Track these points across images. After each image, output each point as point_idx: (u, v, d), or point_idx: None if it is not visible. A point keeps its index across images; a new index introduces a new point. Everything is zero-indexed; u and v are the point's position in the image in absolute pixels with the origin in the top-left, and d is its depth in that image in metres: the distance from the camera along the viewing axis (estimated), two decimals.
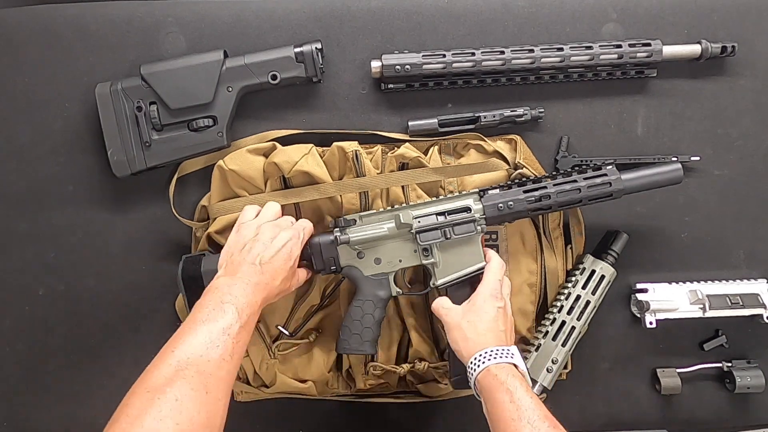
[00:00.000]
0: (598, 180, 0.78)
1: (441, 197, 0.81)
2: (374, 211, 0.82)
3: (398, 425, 0.90)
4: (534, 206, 0.78)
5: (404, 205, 0.82)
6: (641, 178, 0.79)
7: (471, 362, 0.71)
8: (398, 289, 0.82)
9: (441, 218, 0.79)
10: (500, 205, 0.78)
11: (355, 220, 0.81)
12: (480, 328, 0.73)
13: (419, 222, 0.79)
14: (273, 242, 0.73)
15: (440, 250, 0.80)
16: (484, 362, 0.69)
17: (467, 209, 0.79)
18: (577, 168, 0.80)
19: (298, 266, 0.78)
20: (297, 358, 0.85)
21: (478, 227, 0.79)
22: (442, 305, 0.78)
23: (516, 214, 0.79)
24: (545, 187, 0.78)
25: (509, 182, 0.81)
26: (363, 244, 0.80)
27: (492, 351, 0.70)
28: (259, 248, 0.72)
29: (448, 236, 0.78)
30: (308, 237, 0.79)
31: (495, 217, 0.79)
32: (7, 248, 0.89)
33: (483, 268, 0.78)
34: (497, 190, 0.80)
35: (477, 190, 0.80)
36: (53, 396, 0.90)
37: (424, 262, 0.80)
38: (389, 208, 0.81)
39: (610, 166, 0.79)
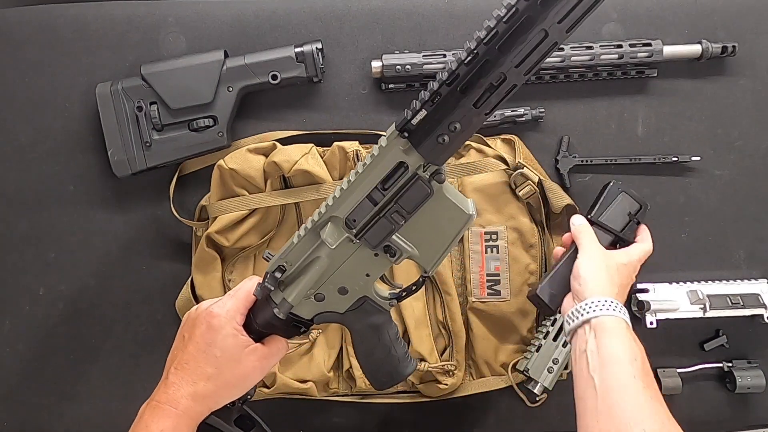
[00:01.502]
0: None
1: (354, 170, 0.57)
2: (293, 239, 0.61)
3: (398, 425, 0.90)
4: (488, 102, 0.54)
5: (318, 212, 0.60)
6: None
7: (598, 301, 0.65)
8: (389, 302, 0.66)
9: (376, 198, 0.57)
10: (442, 136, 0.54)
11: (283, 268, 0.61)
12: (617, 280, 0.70)
13: (354, 222, 0.58)
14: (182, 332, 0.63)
15: (404, 236, 0.60)
16: (615, 310, 0.65)
17: (401, 166, 0.56)
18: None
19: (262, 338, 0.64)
20: (298, 359, 0.85)
21: (432, 183, 0.56)
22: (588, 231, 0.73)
23: (468, 132, 0.55)
24: (491, 63, 0.52)
25: (426, 93, 0.54)
26: (311, 289, 0.62)
27: (619, 305, 0.66)
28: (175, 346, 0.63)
29: (400, 221, 0.57)
30: (240, 307, 0.63)
31: (443, 155, 0.55)
32: (7, 248, 0.89)
33: (472, 217, 0.60)
34: (421, 112, 0.54)
35: (393, 128, 0.55)
36: (53, 396, 0.90)
37: (396, 261, 0.61)
38: (304, 228, 0.61)
39: None
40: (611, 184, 0.80)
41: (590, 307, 0.65)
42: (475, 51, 0.52)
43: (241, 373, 0.61)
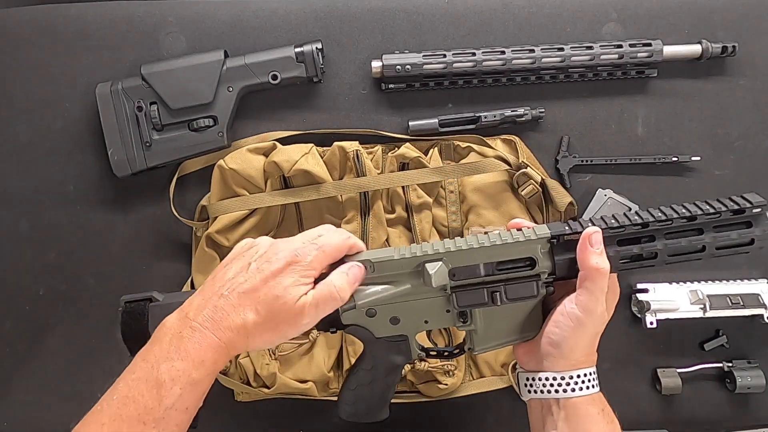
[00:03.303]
0: (735, 234, 0.59)
1: (490, 232, 0.60)
2: (392, 253, 0.60)
3: (398, 425, 0.90)
4: (630, 266, 0.60)
5: (437, 242, 0.60)
6: None
7: (578, 375, 0.59)
8: (420, 352, 0.66)
9: (488, 271, 0.59)
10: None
11: (366, 268, 0.60)
12: (592, 343, 0.61)
13: (454, 277, 0.59)
14: (270, 260, 0.55)
15: (483, 315, 0.61)
16: (591, 386, 0.60)
17: (530, 262, 0.59)
18: (703, 205, 0.59)
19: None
20: (297, 359, 0.85)
21: (542, 290, 0.59)
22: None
23: None
24: (653, 239, 0.59)
25: (590, 223, 0.59)
26: (377, 305, 0.61)
27: (595, 374, 0.61)
28: (245, 272, 0.55)
29: (497, 301, 0.59)
30: (324, 262, 0.57)
31: (568, 275, 0.59)
32: (7, 248, 0.89)
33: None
34: (577, 235, 0.58)
35: (548, 233, 0.59)
36: (53, 396, 0.90)
37: (460, 328, 0.62)
38: (414, 247, 0.60)
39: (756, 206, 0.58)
40: (598, 191, 0.82)
41: (568, 384, 0.59)
42: (647, 223, 0.58)
43: (295, 321, 0.55)
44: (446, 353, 0.68)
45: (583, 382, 0.59)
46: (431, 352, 0.68)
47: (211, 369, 0.52)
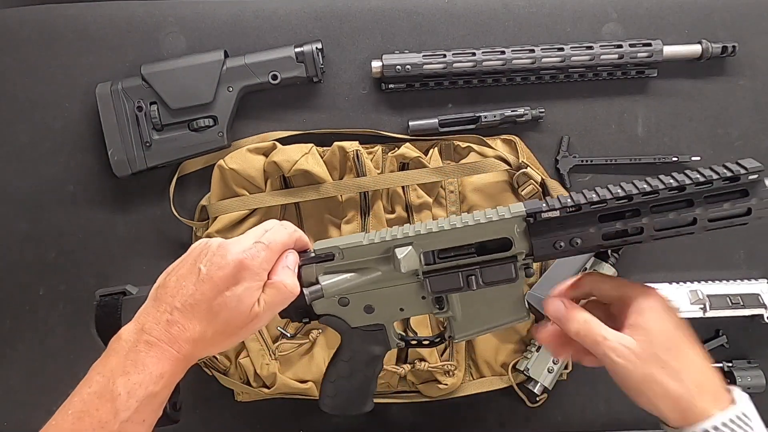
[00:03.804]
0: (728, 205, 0.53)
1: (461, 216, 0.57)
2: (360, 239, 0.58)
3: (398, 425, 0.90)
4: (612, 242, 0.54)
5: (407, 226, 0.59)
6: None
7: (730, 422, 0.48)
8: (399, 342, 0.64)
9: (465, 253, 0.56)
10: (559, 242, 0.54)
11: (333, 255, 0.58)
12: (688, 377, 0.50)
13: (430, 261, 0.57)
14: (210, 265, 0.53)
15: (461, 301, 0.59)
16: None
17: (505, 243, 0.56)
18: (693, 174, 0.54)
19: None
20: (298, 359, 0.85)
21: (521, 272, 0.56)
22: (611, 342, 0.52)
23: (581, 250, 0.55)
24: (637, 213, 0.53)
25: (569, 199, 0.54)
26: (348, 292, 0.59)
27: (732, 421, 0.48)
28: (196, 280, 0.53)
29: (472, 285, 0.56)
30: (272, 260, 0.56)
31: (547, 256, 0.56)
32: (7, 248, 0.89)
33: (525, 319, 0.59)
34: (555, 212, 0.54)
35: (523, 210, 0.55)
36: (53, 396, 0.90)
37: (437, 314, 0.60)
38: (383, 232, 0.58)
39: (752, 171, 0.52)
40: None
41: None
42: (631, 196, 0.53)
43: (250, 326, 0.54)
44: (426, 341, 0.66)
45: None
46: (411, 341, 0.66)
47: (170, 381, 0.51)
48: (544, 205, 0.55)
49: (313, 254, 0.59)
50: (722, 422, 0.48)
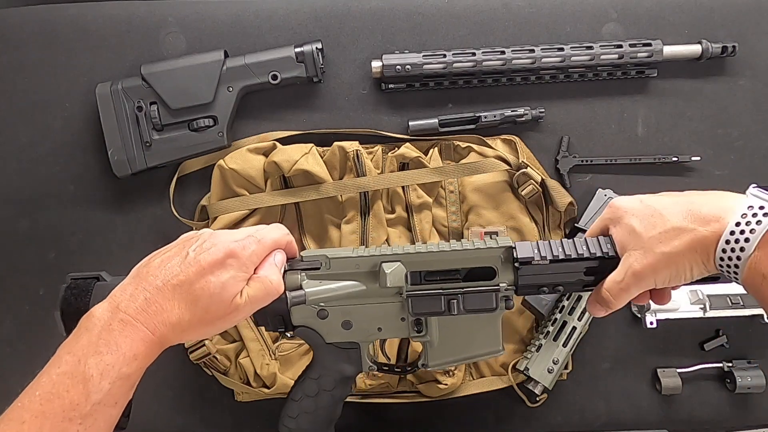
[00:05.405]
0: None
1: (451, 243, 0.58)
2: (349, 252, 0.59)
3: (398, 425, 0.90)
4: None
5: (395, 248, 0.59)
6: None
7: (748, 209, 0.50)
8: (371, 364, 0.63)
9: (449, 278, 0.58)
10: (543, 288, 0.57)
11: (320, 263, 0.59)
12: (680, 225, 0.52)
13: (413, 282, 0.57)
14: (203, 252, 0.52)
15: (439, 326, 0.59)
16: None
17: (491, 271, 0.57)
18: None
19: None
20: (298, 359, 0.85)
21: (501, 303, 0.57)
22: (613, 276, 0.55)
23: (567, 287, 0.57)
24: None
25: (560, 248, 0.56)
26: (328, 301, 0.59)
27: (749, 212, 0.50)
28: (182, 261, 0.52)
29: (453, 310, 0.57)
30: (262, 255, 0.56)
31: (529, 292, 0.58)
32: (7, 248, 0.89)
33: (500, 352, 0.61)
34: (546, 251, 0.56)
35: (509, 243, 0.57)
36: None
37: (414, 338, 0.60)
38: (373, 249, 0.60)
39: None
40: (598, 191, 0.82)
41: (750, 221, 0.49)
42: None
43: (228, 317, 0.53)
44: (398, 369, 0.65)
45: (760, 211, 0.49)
46: (383, 367, 0.65)
47: (143, 363, 0.50)
48: (536, 249, 0.57)
49: (300, 260, 0.59)
50: (736, 222, 0.50)
